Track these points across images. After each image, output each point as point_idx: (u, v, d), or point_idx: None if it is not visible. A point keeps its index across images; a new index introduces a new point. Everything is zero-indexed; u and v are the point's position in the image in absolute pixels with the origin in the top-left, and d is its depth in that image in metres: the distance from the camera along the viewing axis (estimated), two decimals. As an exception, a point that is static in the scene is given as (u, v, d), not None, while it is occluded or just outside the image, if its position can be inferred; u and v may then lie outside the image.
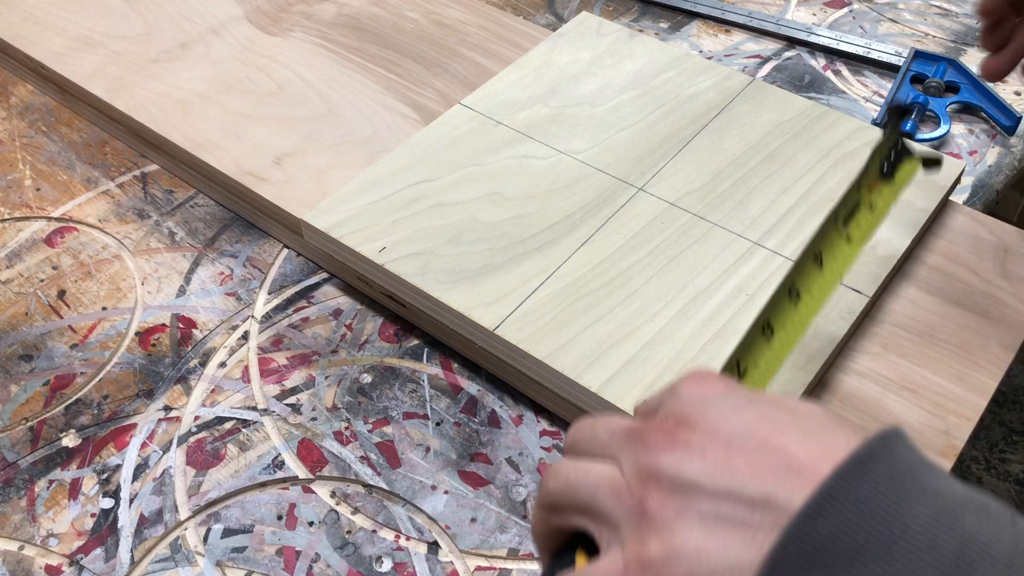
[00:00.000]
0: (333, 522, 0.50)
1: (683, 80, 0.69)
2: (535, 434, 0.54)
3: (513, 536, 0.49)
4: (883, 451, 0.28)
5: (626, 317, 0.53)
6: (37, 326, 0.59)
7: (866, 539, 0.26)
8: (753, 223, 0.58)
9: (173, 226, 0.66)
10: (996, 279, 0.57)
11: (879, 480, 0.27)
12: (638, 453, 0.31)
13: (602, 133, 0.65)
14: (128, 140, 0.71)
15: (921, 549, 0.26)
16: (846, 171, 0.61)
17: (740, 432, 0.30)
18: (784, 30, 0.82)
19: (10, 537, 0.50)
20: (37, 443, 0.54)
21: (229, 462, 0.53)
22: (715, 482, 0.29)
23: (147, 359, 0.58)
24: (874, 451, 0.28)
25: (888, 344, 0.54)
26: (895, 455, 0.28)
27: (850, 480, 0.27)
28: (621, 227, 0.58)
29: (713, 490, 0.29)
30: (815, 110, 0.66)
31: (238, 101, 0.69)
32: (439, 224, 0.58)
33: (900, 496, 0.27)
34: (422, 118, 0.69)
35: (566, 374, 0.50)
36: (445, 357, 0.58)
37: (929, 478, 0.28)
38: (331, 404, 0.55)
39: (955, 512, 0.26)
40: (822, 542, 0.26)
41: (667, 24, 0.84)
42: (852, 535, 0.26)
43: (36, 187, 0.68)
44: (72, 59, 0.73)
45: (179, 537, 0.50)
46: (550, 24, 0.83)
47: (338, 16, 0.78)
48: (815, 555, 0.26)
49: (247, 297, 0.61)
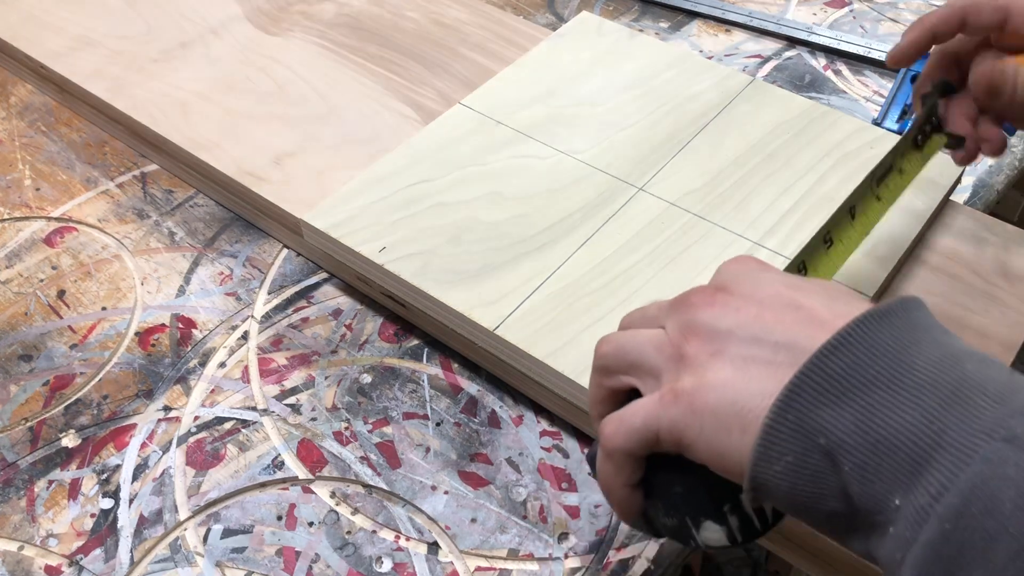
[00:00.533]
0: (333, 522, 0.50)
1: (683, 80, 0.69)
2: (535, 434, 0.54)
3: (513, 536, 0.49)
4: (900, 308, 0.31)
5: (626, 317, 0.53)
6: (37, 326, 0.59)
7: (876, 374, 0.29)
8: (753, 223, 0.58)
9: (173, 226, 0.66)
10: (996, 279, 0.57)
11: (893, 329, 0.30)
12: (681, 313, 0.34)
13: (602, 133, 0.64)
14: (128, 140, 0.71)
15: (923, 384, 0.29)
16: (847, 171, 0.61)
17: (771, 294, 0.33)
18: (784, 30, 0.82)
19: (10, 537, 0.50)
20: (37, 443, 0.53)
21: (229, 462, 0.53)
22: (745, 330, 0.32)
23: (147, 359, 0.58)
24: (892, 308, 0.31)
25: (888, 344, 0.54)
26: (911, 313, 0.31)
27: (866, 327, 0.30)
28: (621, 227, 0.58)
29: (743, 336, 0.32)
30: (815, 110, 0.66)
31: (238, 101, 0.69)
32: (439, 224, 0.58)
33: (910, 342, 0.30)
34: (422, 118, 0.68)
35: (566, 374, 0.50)
36: (445, 357, 0.58)
37: (939, 333, 0.31)
38: (331, 404, 0.55)
39: (958, 357, 0.30)
40: (836, 375, 0.30)
41: (667, 24, 0.84)
42: (864, 370, 0.29)
43: (36, 187, 0.68)
44: (72, 59, 0.73)
45: (179, 537, 0.50)
46: (550, 24, 0.83)
47: (338, 16, 0.78)
48: (829, 385, 0.30)
49: (247, 297, 0.61)
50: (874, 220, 0.50)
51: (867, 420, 0.29)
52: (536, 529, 0.50)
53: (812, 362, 0.30)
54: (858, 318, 0.31)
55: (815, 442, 0.30)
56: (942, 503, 0.27)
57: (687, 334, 0.34)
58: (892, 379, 0.29)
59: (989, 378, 0.29)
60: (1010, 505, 0.26)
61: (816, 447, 0.30)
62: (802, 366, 0.30)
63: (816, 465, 0.30)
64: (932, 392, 0.29)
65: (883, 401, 0.29)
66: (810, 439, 0.30)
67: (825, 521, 0.31)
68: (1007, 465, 0.26)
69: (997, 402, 0.28)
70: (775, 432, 0.30)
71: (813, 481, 0.30)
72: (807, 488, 0.30)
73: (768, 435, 0.30)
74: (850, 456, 0.29)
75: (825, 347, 0.30)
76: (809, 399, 0.30)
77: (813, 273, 0.47)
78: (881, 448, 0.29)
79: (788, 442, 0.30)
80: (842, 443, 0.29)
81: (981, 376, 0.29)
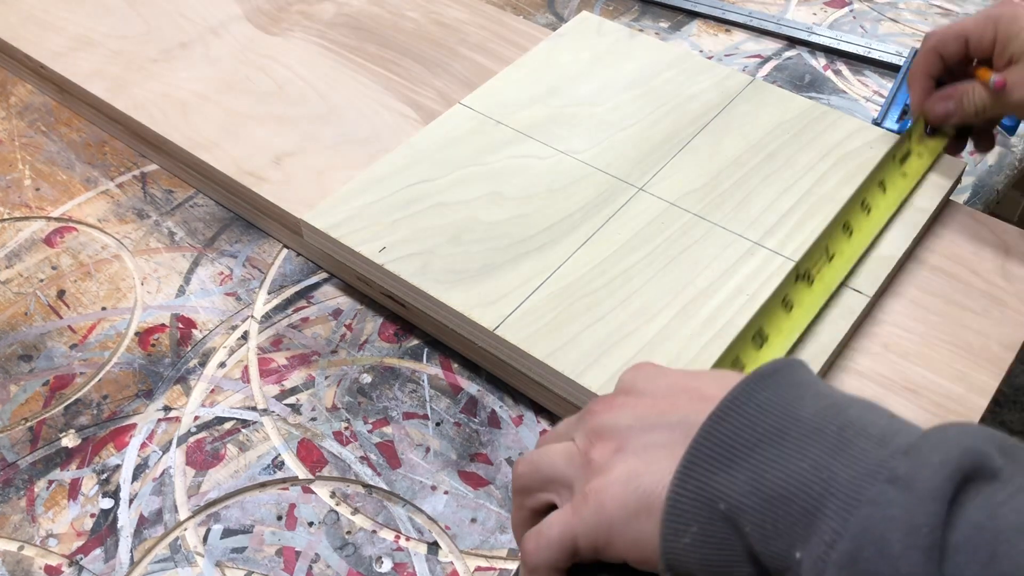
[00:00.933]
0: (333, 522, 0.50)
1: (683, 80, 0.69)
2: (535, 434, 0.54)
3: (513, 536, 0.49)
4: (784, 368, 0.33)
5: (626, 317, 0.53)
6: (36, 326, 0.59)
7: (763, 432, 0.31)
8: (753, 223, 0.58)
9: (173, 226, 0.66)
10: (996, 279, 0.57)
11: (776, 387, 0.32)
12: (586, 422, 0.36)
13: (602, 133, 0.64)
14: (128, 140, 0.71)
15: (808, 434, 0.30)
16: (846, 171, 0.61)
17: (665, 386, 0.35)
18: (784, 30, 0.82)
19: (10, 537, 0.50)
20: (37, 443, 0.53)
21: (229, 462, 0.53)
22: (643, 421, 0.34)
23: (147, 359, 0.58)
24: (773, 368, 0.33)
25: (889, 344, 0.54)
26: (793, 372, 0.33)
27: (750, 390, 0.32)
28: (621, 227, 0.58)
29: (641, 427, 0.34)
30: (815, 110, 0.66)
31: (238, 101, 0.69)
32: (439, 224, 0.58)
33: (795, 398, 0.31)
34: (422, 118, 0.68)
35: (566, 374, 0.50)
36: (445, 357, 0.58)
37: (822, 387, 0.32)
38: (331, 404, 0.55)
39: (840, 405, 0.31)
40: (726, 440, 0.31)
41: (667, 24, 0.84)
42: (751, 430, 0.31)
43: (35, 187, 0.68)
44: (72, 59, 0.73)
45: (179, 537, 0.50)
46: (550, 24, 0.83)
47: (338, 16, 0.78)
48: (722, 450, 0.31)
49: (247, 297, 0.61)
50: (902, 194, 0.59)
51: (759, 478, 0.30)
52: (536, 529, 0.50)
53: (703, 431, 0.31)
54: (740, 383, 0.32)
55: (716, 509, 0.30)
56: (836, 550, 0.27)
57: (592, 439, 0.35)
58: (779, 434, 0.30)
59: (871, 422, 0.30)
60: (898, 546, 0.26)
61: (718, 514, 0.30)
62: (694, 437, 0.31)
63: (721, 532, 0.30)
64: (818, 441, 0.30)
65: (772, 457, 0.30)
66: (711, 506, 0.31)
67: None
68: (892, 506, 0.27)
69: (879, 444, 0.29)
70: (678, 505, 0.31)
71: (720, 549, 0.31)
72: (716, 556, 0.31)
73: (672, 509, 0.31)
74: (749, 517, 0.30)
75: (713, 414, 0.31)
76: (705, 467, 0.31)
77: (858, 234, 0.56)
78: (775, 503, 0.29)
79: (691, 513, 0.31)
80: (740, 505, 0.30)
81: (864, 420, 0.30)
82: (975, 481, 0.28)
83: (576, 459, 0.35)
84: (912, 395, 0.52)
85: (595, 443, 0.35)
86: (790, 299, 0.53)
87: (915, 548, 0.26)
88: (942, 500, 0.27)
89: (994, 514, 0.27)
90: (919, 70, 0.60)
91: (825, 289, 0.53)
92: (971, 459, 0.28)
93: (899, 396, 0.52)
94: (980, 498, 0.27)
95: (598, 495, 0.33)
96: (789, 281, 0.53)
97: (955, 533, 0.27)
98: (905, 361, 0.53)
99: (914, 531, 0.27)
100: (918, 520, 0.27)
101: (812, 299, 0.53)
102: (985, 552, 0.26)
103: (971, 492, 0.27)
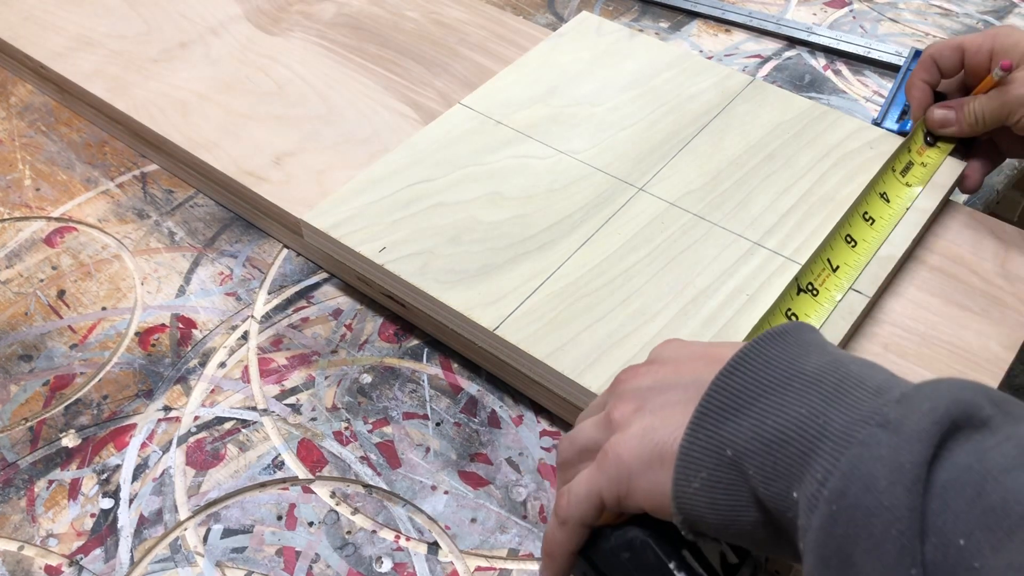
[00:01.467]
0: (333, 522, 0.50)
1: (683, 80, 0.69)
2: (535, 434, 0.54)
3: (513, 536, 0.49)
4: (793, 329, 0.35)
5: (626, 317, 0.53)
6: (37, 326, 0.59)
7: (769, 382, 0.33)
8: (753, 223, 0.58)
9: (173, 226, 0.66)
10: (996, 279, 0.57)
11: (786, 345, 0.34)
12: (613, 391, 0.39)
13: (602, 133, 0.64)
14: (128, 140, 0.71)
15: (809, 384, 0.32)
16: (846, 171, 0.61)
17: (687, 353, 0.38)
18: (784, 30, 0.82)
19: (10, 537, 0.50)
20: (37, 443, 0.53)
21: (229, 462, 0.53)
22: (662, 383, 0.37)
23: (147, 359, 0.58)
24: (785, 328, 0.35)
25: (888, 344, 0.54)
26: (803, 333, 0.35)
27: (761, 345, 0.34)
28: (621, 227, 0.58)
29: (660, 388, 0.37)
30: (815, 110, 0.66)
31: (238, 101, 0.69)
32: (439, 224, 0.58)
33: (800, 354, 0.33)
34: (422, 118, 0.68)
35: (566, 374, 0.50)
36: (445, 357, 0.58)
37: (829, 347, 0.34)
38: (331, 404, 0.55)
39: (843, 361, 0.33)
40: (735, 391, 0.33)
41: (667, 24, 0.84)
42: (759, 382, 0.33)
43: (36, 187, 0.68)
44: (72, 59, 0.73)
45: (179, 537, 0.50)
46: (550, 24, 0.83)
47: (338, 16, 0.78)
48: (730, 401, 0.33)
49: (247, 297, 0.61)
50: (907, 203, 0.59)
51: (761, 423, 0.32)
52: (536, 529, 0.50)
53: (714, 384, 0.33)
54: (754, 340, 0.34)
55: (724, 455, 0.32)
56: (827, 487, 0.29)
57: (615, 403, 0.38)
58: (783, 384, 0.32)
59: (870, 376, 0.32)
60: (884, 482, 0.28)
61: (725, 460, 0.32)
62: (707, 389, 0.34)
63: (728, 477, 0.32)
64: (817, 390, 0.32)
65: (774, 404, 0.32)
66: (719, 453, 0.33)
67: (752, 533, 0.33)
68: (881, 447, 0.29)
69: (875, 395, 0.31)
70: (689, 453, 0.33)
71: (728, 493, 0.33)
72: (724, 500, 0.33)
73: (683, 457, 0.33)
74: (752, 460, 0.32)
75: (725, 368, 0.34)
76: (715, 417, 0.33)
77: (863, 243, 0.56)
78: (775, 446, 0.31)
79: (701, 460, 0.33)
80: (744, 450, 0.32)
81: (863, 375, 0.32)
82: (965, 429, 0.29)
83: (602, 424, 0.38)
84: (912, 395, 0.52)
85: (617, 405, 0.37)
86: (794, 311, 0.53)
87: (898, 484, 0.28)
88: (927, 442, 0.28)
89: (982, 457, 0.28)
90: (916, 77, 0.62)
91: (830, 300, 0.53)
92: (960, 408, 0.29)
93: (899, 396, 0.52)
94: (970, 444, 0.29)
95: (616, 449, 0.36)
96: (791, 294, 0.53)
97: (942, 473, 0.28)
98: (905, 361, 0.53)
99: (898, 468, 0.28)
100: (902, 458, 0.28)
101: (817, 310, 0.53)
102: (972, 489, 0.27)
103: (960, 439, 0.29)
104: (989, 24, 0.83)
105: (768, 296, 0.53)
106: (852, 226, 0.57)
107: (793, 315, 0.53)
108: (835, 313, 0.53)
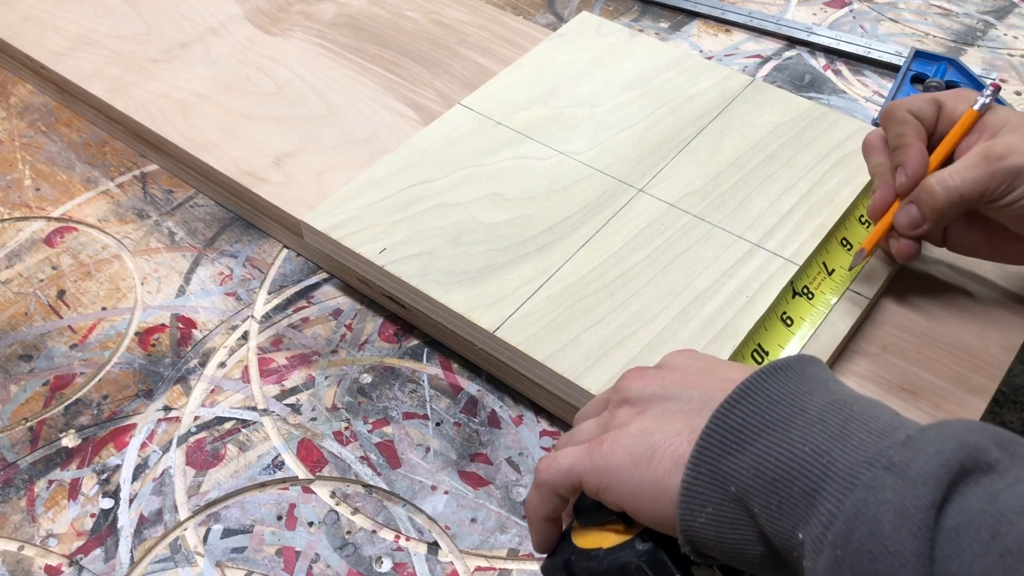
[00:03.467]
0: (333, 522, 0.50)
1: (683, 80, 0.69)
2: (535, 434, 0.54)
3: (513, 536, 0.49)
4: (797, 363, 0.34)
5: (626, 319, 0.53)
6: (37, 326, 0.59)
7: (771, 419, 0.32)
8: (753, 224, 0.58)
9: (173, 226, 0.66)
10: (996, 280, 0.57)
11: (788, 380, 0.34)
12: (617, 392, 0.39)
13: (602, 134, 0.64)
14: (128, 140, 0.71)
15: (813, 423, 0.32)
16: (847, 172, 0.61)
17: (695, 367, 0.38)
18: (784, 30, 0.82)
19: (10, 537, 0.50)
20: (37, 443, 0.54)
21: (229, 462, 0.53)
22: (667, 391, 0.37)
23: (147, 359, 0.58)
24: (788, 362, 0.34)
25: (888, 346, 0.54)
26: (806, 368, 0.34)
27: (763, 379, 0.33)
28: (621, 228, 0.58)
29: (664, 396, 0.37)
30: (815, 111, 0.66)
31: (238, 101, 0.69)
32: (439, 225, 0.58)
33: (804, 392, 0.33)
34: (422, 118, 0.69)
35: (566, 376, 0.50)
36: (445, 357, 0.58)
37: (832, 384, 0.34)
38: (331, 404, 0.55)
39: (847, 401, 0.32)
40: (738, 425, 0.33)
41: (667, 24, 0.84)
42: (761, 417, 0.32)
43: (36, 187, 0.68)
44: (71, 59, 0.73)
45: (179, 537, 0.50)
46: (550, 24, 0.83)
47: (338, 16, 0.78)
48: (732, 435, 0.32)
49: (247, 297, 0.61)
50: None
51: (764, 460, 0.32)
52: (536, 530, 0.50)
53: (715, 417, 0.33)
54: (754, 374, 0.34)
55: (728, 491, 0.32)
56: (832, 530, 0.29)
57: (620, 403, 0.38)
58: (785, 422, 0.32)
59: (874, 417, 0.31)
60: (889, 526, 0.28)
61: (729, 496, 0.32)
62: (708, 420, 0.33)
63: (733, 512, 0.32)
64: (821, 429, 0.31)
65: (777, 441, 0.32)
66: (723, 488, 0.32)
67: (759, 567, 0.33)
68: (885, 490, 0.28)
69: (879, 436, 0.30)
70: (693, 486, 0.33)
71: (733, 528, 0.32)
72: (730, 535, 0.32)
73: (687, 489, 0.33)
74: (756, 498, 0.31)
75: (726, 402, 0.33)
76: (717, 450, 0.33)
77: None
78: (779, 484, 0.31)
79: (705, 494, 0.33)
80: (748, 487, 0.32)
81: (867, 415, 0.32)
82: (973, 473, 0.29)
83: (603, 423, 0.38)
84: (911, 396, 0.52)
85: (621, 406, 0.38)
86: (789, 315, 0.53)
87: (903, 528, 0.27)
88: (933, 486, 0.28)
89: (994, 500, 0.28)
90: (875, 142, 0.54)
91: (825, 303, 0.54)
92: (967, 451, 0.29)
93: (898, 398, 0.52)
94: (979, 488, 0.28)
95: (610, 443, 0.36)
96: (786, 297, 0.53)
97: (954, 516, 0.28)
98: (904, 363, 0.53)
99: (903, 513, 0.28)
100: (908, 503, 0.28)
101: (812, 313, 0.53)
102: (987, 532, 0.27)
103: (970, 483, 0.28)
104: (989, 24, 0.84)
105: (768, 297, 0.53)
106: (848, 229, 0.57)
107: (788, 318, 0.53)
108: (834, 315, 0.53)
